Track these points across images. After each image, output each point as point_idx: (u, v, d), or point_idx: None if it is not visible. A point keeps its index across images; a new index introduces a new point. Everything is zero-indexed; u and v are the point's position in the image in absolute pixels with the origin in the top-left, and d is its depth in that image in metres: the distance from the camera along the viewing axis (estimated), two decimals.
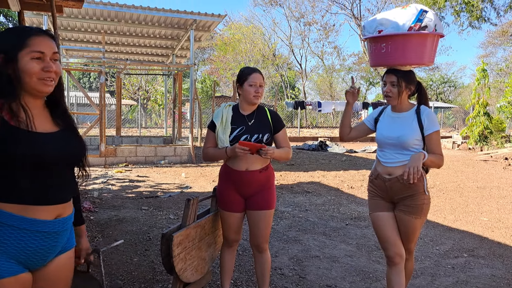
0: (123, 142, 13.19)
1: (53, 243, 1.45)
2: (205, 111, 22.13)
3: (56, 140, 1.45)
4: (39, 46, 1.39)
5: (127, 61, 10.93)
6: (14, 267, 1.37)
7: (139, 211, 5.63)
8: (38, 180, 1.39)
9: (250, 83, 2.57)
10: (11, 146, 1.33)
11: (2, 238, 1.34)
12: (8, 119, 1.35)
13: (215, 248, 2.90)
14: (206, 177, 8.51)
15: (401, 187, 2.48)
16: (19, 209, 1.36)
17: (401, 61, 2.48)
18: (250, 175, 2.57)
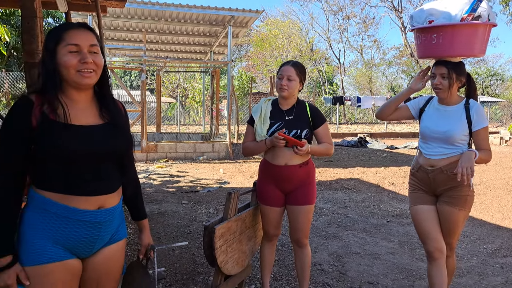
0: (163, 138, 13.50)
1: (96, 232, 1.48)
2: (242, 107, 22.23)
3: (97, 134, 1.47)
4: (74, 39, 1.42)
5: (166, 58, 11.15)
6: (61, 252, 1.42)
7: (179, 205, 5.75)
8: (77, 172, 1.43)
9: (279, 75, 2.56)
10: (49, 139, 1.38)
11: (49, 225, 1.40)
12: (49, 113, 1.40)
13: (255, 242, 2.91)
14: (243, 173, 8.56)
15: (445, 178, 2.40)
16: (61, 198, 1.41)
17: (452, 52, 2.38)
18: (290, 170, 2.55)
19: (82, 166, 1.44)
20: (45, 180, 1.42)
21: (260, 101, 2.71)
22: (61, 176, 1.41)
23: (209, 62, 13.19)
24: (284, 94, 2.55)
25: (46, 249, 1.39)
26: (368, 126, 24.76)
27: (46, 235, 1.40)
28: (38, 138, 1.39)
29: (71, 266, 1.44)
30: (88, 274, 1.52)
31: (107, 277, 1.58)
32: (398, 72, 37.07)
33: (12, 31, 12.54)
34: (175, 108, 27.08)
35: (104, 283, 1.57)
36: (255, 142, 2.62)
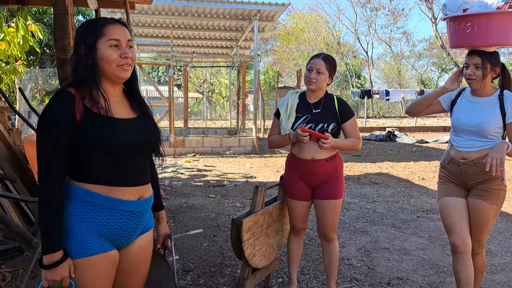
0: (190, 133, 13.65)
1: (136, 222, 1.53)
2: (268, 102, 22.17)
3: (133, 126, 1.51)
4: (115, 34, 1.45)
5: (193, 54, 11.24)
6: (104, 244, 1.45)
7: (207, 199, 5.81)
8: (120, 163, 1.46)
9: (308, 67, 2.53)
10: (94, 132, 1.40)
11: (93, 217, 1.42)
12: (91, 106, 1.42)
13: (282, 236, 2.91)
14: (270, 168, 8.56)
15: (477, 171, 2.33)
16: (105, 190, 1.43)
17: (487, 41, 2.29)
18: (316, 164, 2.52)
19: (125, 158, 1.47)
20: (88, 173, 1.43)
21: (288, 93, 2.68)
22: (106, 168, 1.43)
23: (235, 56, 13.21)
24: (312, 87, 2.52)
25: (91, 241, 1.42)
26: (397, 120, 24.25)
27: (91, 227, 1.42)
28: (82, 132, 1.40)
29: (112, 257, 1.48)
30: (123, 263, 1.55)
31: (141, 265, 1.62)
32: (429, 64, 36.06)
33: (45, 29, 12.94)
34: (201, 103, 27.31)
35: (138, 271, 1.61)
36: (280, 136, 2.60)
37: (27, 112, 10.60)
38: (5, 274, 3.14)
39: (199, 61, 15.31)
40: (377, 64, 37.40)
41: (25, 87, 11.33)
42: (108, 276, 1.48)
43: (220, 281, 3.12)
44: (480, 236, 2.41)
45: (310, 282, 3.12)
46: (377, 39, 35.45)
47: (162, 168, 1.74)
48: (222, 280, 3.15)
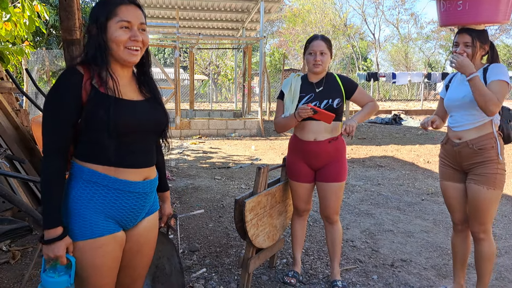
0: (196, 115, 13.66)
1: (142, 203, 1.53)
2: (274, 84, 22.07)
3: (141, 108, 1.49)
4: (127, 15, 1.42)
5: (199, 35, 11.15)
6: (111, 225, 1.46)
7: (212, 181, 5.85)
8: (126, 145, 1.45)
9: (310, 51, 2.51)
10: (101, 112, 1.38)
11: (100, 198, 1.43)
12: (99, 86, 1.40)
13: (286, 217, 2.94)
14: (275, 150, 8.57)
15: (471, 153, 2.35)
16: (111, 171, 1.43)
17: (478, 19, 2.29)
18: (318, 145, 2.53)
19: (132, 139, 1.47)
20: (94, 153, 1.43)
21: (290, 75, 2.68)
22: (112, 149, 1.41)
23: (241, 38, 13.10)
24: (318, 70, 2.51)
25: (99, 223, 1.42)
26: (403, 103, 24.05)
27: (98, 208, 1.42)
28: (89, 111, 1.38)
29: (119, 238, 1.49)
30: (130, 244, 1.56)
31: (147, 246, 1.63)
32: (436, 47, 35.55)
33: (50, 10, 12.85)
34: (207, 86, 27.22)
35: (144, 252, 1.63)
36: (285, 117, 2.60)
37: (34, 93, 10.64)
38: (15, 253, 3.21)
39: (205, 43, 15.21)
40: (384, 47, 36.93)
41: (32, 68, 11.34)
42: (115, 256, 1.49)
43: (226, 261, 3.17)
44: (482, 220, 2.36)
45: (314, 263, 3.16)
46: (385, 21, 35.06)
47: (168, 150, 1.73)
48: (227, 260, 3.20)
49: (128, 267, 1.60)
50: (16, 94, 6.99)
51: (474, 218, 2.39)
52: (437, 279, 2.95)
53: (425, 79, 19.95)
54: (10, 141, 4.10)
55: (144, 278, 1.71)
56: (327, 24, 31.84)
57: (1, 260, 3.09)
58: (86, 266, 1.43)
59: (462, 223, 2.53)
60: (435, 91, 29.82)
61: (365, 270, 3.06)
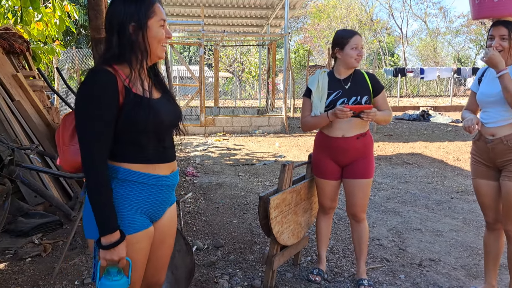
0: (220, 112, 13.73)
1: (169, 194, 1.59)
2: (298, 81, 21.90)
3: (164, 105, 1.52)
4: (162, 14, 1.47)
5: (224, 32, 11.18)
6: (145, 221, 1.49)
7: (236, 177, 5.87)
8: (158, 142, 1.49)
9: (352, 46, 2.46)
10: (133, 113, 1.38)
11: (136, 196, 1.45)
12: (131, 86, 1.41)
13: (311, 214, 2.91)
14: (299, 147, 8.53)
15: (505, 150, 2.27)
16: (145, 168, 1.46)
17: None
18: (347, 141, 2.49)
19: (162, 136, 1.51)
20: (128, 153, 1.44)
21: (316, 72, 2.64)
22: (145, 147, 1.45)
23: (265, 35, 13.07)
24: (358, 65, 2.51)
25: (135, 219, 1.45)
26: (431, 99, 23.48)
27: (134, 205, 1.45)
28: (123, 112, 1.38)
29: (151, 233, 1.53)
30: (156, 236, 1.60)
31: (170, 235, 1.68)
32: (466, 41, 34.51)
33: (80, 9, 13.16)
34: (231, 83, 27.31)
35: (167, 241, 1.67)
36: (315, 117, 2.54)
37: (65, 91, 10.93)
38: (46, 246, 3.31)
39: (229, 40, 15.25)
40: (411, 42, 36.15)
41: (62, 67, 11.67)
42: (147, 251, 1.53)
43: (250, 258, 3.17)
44: None
45: (339, 261, 3.12)
46: (412, 15, 34.23)
47: (193, 146, 1.74)
48: (252, 256, 3.20)
49: (153, 259, 1.63)
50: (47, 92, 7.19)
51: (507, 217, 2.31)
52: (467, 279, 2.87)
53: (455, 74, 19.38)
54: (41, 138, 4.23)
55: (166, 269, 1.74)
56: (353, 19, 31.38)
57: (33, 253, 3.19)
58: None
59: (495, 221, 2.45)
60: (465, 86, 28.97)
61: (392, 269, 3.00)
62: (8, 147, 3.08)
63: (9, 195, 3.14)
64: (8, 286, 2.72)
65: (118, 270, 1.39)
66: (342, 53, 2.50)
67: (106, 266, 1.38)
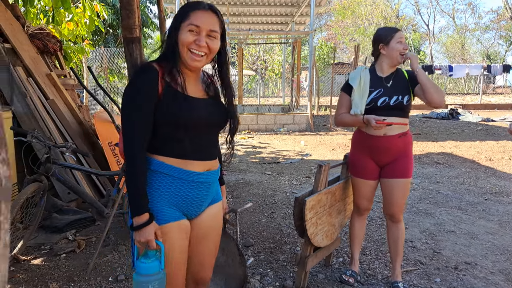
0: (245, 110, 13.75)
1: (205, 192, 1.60)
2: (322, 79, 21.72)
3: (204, 106, 1.55)
4: (197, 20, 1.46)
5: (249, 31, 11.18)
6: (176, 213, 1.53)
7: (263, 175, 5.86)
8: (191, 139, 1.51)
9: (398, 39, 2.41)
10: (171, 107, 1.45)
11: (166, 188, 1.50)
12: (170, 81, 1.47)
13: (344, 216, 2.87)
14: (325, 145, 8.45)
15: None
16: (178, 163, 1.50)
17: None
18: (388, 140, 2.43)
19: (196, 134, 1.53)
20: (162, 146, 1.50)
21: (357, 68, 2.59)
22: (179, 142, 1.49)
23: (290, 32, 12.99)
24: (402, 61, 2.45)
25: (164, 210, 1.50)
26: (460, 97, 22.89)
27: (164, 197, 1.50)
28: (161, 106, 1.45)
29: (184, 226, 1.56)
30: (195, 232, 1.63)
31: (211, 234, 1.69)
32: (496, 37, 33.49)
33: (108, 9, 13.38)
34: (254, 81, 27.31)
35: (209, 239, 1.69)
36: (351, 116, 2.49)
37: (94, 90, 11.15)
38: (80, 242, 3.37)
39: (253, 38, 15.24)
40: (438, 38, 35.33)
41: (91, 66, 11.88)
42: (181, 244, 1.56)
43: (280, 258, 3.16)
44: None
45: (372, 263, 3.07)
46: (440, 12, 33.40)
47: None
48: (282, 256, 3.18)
49: (195, 254, 1.67)
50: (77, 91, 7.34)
51: None
52: (506, 284, 2.77)
53: (484, 71, 18.84)
54: (74, 135, 4.31)
55: (212, 267, 1.76)
56: (378, 16, 30.90)
57: (68, 249, 3.25)
58: None
59: None
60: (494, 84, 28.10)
61: (427, 272, 2.93)
62: (45, 145, 3.15)
63: (46, 192, 3.22)
64: (45, 281, 2.79)
65: (153, 253, 1.45)
66: (388, 48, 2.44)
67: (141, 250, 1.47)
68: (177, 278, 1.57)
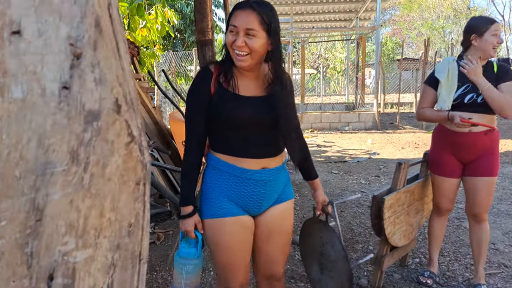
0: (307, 109, 13.68)
1: (262, 190, 1.60)
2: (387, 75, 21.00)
3: (257, 104, 1.54)
4: (235, 20, 1.45)
5: (312, 29, 11.12)
6: (234, 209, 1.58)
7: (329, 174, 5.81)
8: (242, 137, 1.55)
9: (493, 32, 2.26)
10: (220, 106, 1.52)
11: (224, 183, 1.57)
12: (223, 82, 1.54)
13: (422, 215, 2.79)
14: (393, 144, 8.19)
15: None
16: (231, 159, 1.56)
17: None
18: (474, 137, 2.32)
19: (247, 132, 1.55)
20: (217, 143, 1.59)
21: (444, 60, 2.48)
22: (231, 140, 1.55)
23: (355, 29, 12.72)
24: (495, 54, 2.32)
25: (222, 205, 1.57)
26: None
27: (222, 192, 1.57)
28: (213, 105, 1.53)
29: (243, 221, 1.60)
30: (260, 230, 1.66)
31: (278, 233, 1.69)
32: None
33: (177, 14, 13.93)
34: (315, 79, 27.05)
35: (276, 238, 1.70)
36: (435, 111, 2.41)
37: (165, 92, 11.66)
38: (160, 234, 3.58)
39: (315, 36, 15.12)
40: None
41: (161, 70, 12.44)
42: (241, 238, 1.60)
43: (353, 256, 3.13)
44: None
45: (451, 265, 2.95)
46: None
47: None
48: (355, 255, 3.15)
49: (262, 252, 1.69)
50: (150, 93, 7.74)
51: None
52: None
53: None
54: (151, 135, 4.58)
55: (283, 264, 1.77)
56: (448, 8, 29.25)
57: (149, 241, 3.47)
58: (212, 243, 1.60)
59: None
60: None
61: None
62: None
63: None
64: None
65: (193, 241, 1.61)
66: (481, 40, 2.30)
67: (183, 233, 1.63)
68: (235, 264, 1.62)
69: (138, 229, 0.66)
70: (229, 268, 1.62)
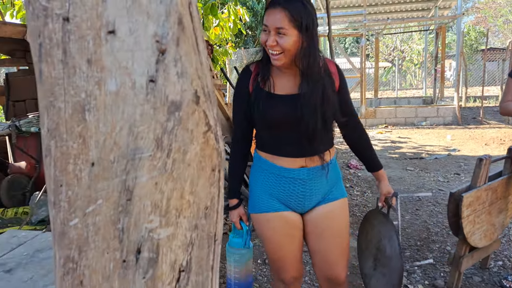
0: (381, 104, 13.22)
1: (302, 188, 1.58)
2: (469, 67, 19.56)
3: (289, 103, 1.51)
4: (266, 19, 1.45)
5: (387, 20, 10.71)
6: (276, 205, 1.61)
7: (404, 171, 5.59)
8: (277, 135, 1.57)
9: None
10: (255, 104, 1.55)
11: (265, 180, 1.62)
12: (260, 81, 1.56)
13: (506, 215, 2.60)
14: (476, 140, 7.65)
15: None
16: (270, 157, 1.60)
17: None
18: None
19: (279, 131, 1.57)
20: (259, 141, 1.65)
21: None
22: (266, 138, 1.61)
23: (434, 18, 12.02)
24: None
25: (264, 200, 1.62)
26: None
27: (264, 189, 1.62)
28: (251, 104, 1.57)
29: (287, 217, 1.62)
30: (309, 228, 1.66)
31: (329, 232, 1.65)
32: None
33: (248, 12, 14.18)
34: (389, 73, 25.98)
35: (327, 237, 1.65)
36: None
37: None
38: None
39: (390, 28, 14.51)
40: None
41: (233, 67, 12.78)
42: (286, 233, 1.62)
43: (428, 256, 3.00)
44: None
45: None
46: None
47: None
48: (430, 255, 3.02)
49: (316, 250, 1.68)
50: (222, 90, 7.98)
51: None
52: None
53: None
54: (223, 130, 4.74)
55: (343, 267, 1.69)
56: None
57: (223, 231, 3.61)
58: (260, 237, 1.67)
59: None
60: None
61: None
62: None
63: None
64: None
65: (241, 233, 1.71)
66: None
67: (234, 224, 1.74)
68: (284, 258, 1.66)
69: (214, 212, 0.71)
70: (279, 261, 1.68)
